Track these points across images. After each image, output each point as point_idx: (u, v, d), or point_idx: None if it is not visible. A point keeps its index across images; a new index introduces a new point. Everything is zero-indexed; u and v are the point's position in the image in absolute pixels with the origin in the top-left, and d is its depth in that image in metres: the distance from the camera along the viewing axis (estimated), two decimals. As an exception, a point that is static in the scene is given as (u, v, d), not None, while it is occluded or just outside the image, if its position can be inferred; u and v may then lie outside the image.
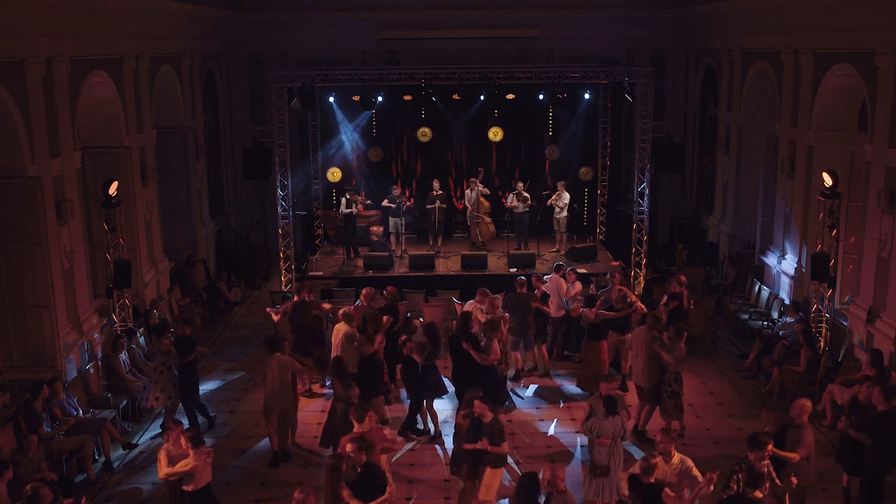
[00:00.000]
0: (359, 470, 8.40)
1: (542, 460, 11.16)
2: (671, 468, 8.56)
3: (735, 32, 18.26)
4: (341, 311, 12.81)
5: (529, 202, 18.93)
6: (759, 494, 8.05)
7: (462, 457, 9.61)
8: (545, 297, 14.22)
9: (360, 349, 11.67)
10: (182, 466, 8.89)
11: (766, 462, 8.28)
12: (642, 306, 13.63)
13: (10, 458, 9.53)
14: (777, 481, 8.40)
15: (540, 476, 8.25)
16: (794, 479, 8.67)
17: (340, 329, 12.47)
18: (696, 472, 8.49)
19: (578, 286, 14.56)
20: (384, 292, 13.97)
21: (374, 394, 11.27)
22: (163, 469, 9.04)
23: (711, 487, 8.22)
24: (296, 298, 13.95)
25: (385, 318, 12.90)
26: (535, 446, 11.81)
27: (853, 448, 9.83)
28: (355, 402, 10.60)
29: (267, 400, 11.26)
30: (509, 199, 19.17)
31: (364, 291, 13.89)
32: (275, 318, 13.89)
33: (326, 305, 14.54)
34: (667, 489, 8.12)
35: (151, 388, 12.10)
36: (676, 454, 8.69)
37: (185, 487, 9.02)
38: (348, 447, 8.52)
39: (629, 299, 13.55)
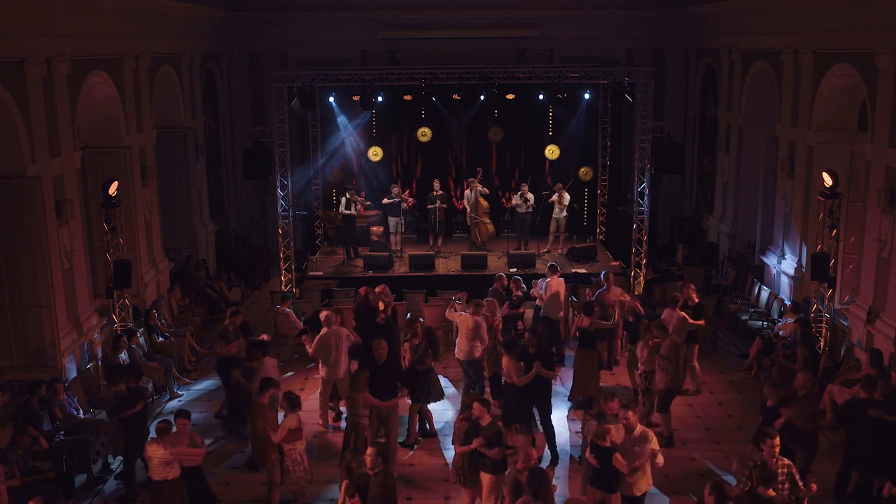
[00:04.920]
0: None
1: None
2: (632, 437, 8.91)
3: (735, 32, 18.26)
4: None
5: (531, 203, 18.93)
6: (771, 493, 8.05)
7: (462, 462, 9.54)
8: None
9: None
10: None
11: (784, 462, 8.36)
12: (639, 306, 13.79)
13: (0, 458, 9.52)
14: (800, 484, 8.39)
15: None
16: (815, 486, 8.61)
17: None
18: (655, 446, 8.86)
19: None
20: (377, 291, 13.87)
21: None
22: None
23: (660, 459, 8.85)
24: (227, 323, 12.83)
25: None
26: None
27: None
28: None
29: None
30: (513, 199, 19.18)
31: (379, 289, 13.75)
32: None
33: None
34: (617, 454, 8.65)
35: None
36: (640, 427, 9.02)
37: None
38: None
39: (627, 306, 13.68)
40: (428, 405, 12.02)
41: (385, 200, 19.16)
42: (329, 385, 12.25)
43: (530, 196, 18.90)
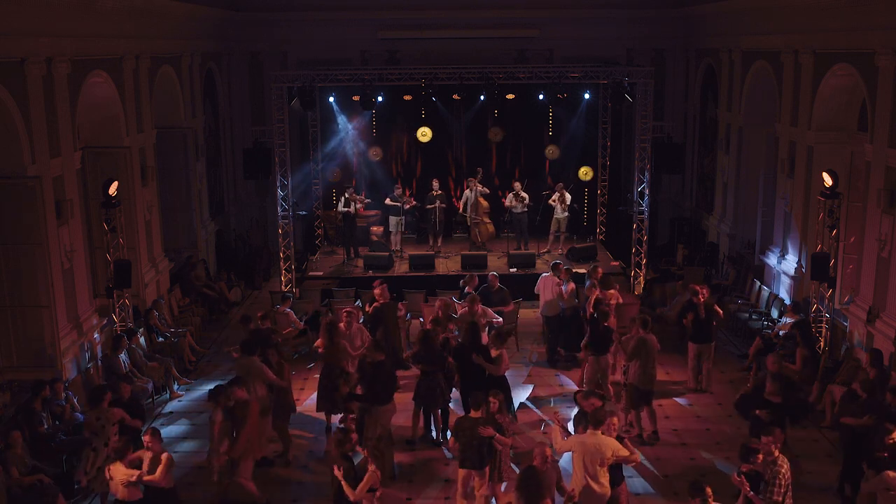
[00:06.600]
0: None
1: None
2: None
3: (735, 32, 18.26)
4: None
5: (527, 202, 18.92)
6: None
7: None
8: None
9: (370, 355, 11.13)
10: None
11: (783, 465, 8.22)
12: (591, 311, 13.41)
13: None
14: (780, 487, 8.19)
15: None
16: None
17: None
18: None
19: (571, 285, 14.62)
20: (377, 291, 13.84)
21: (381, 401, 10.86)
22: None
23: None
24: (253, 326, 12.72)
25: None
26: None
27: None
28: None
29: None
30: (508, 199, 19.19)
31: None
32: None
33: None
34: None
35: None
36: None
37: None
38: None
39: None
40: (434, 410, 11.81)
41: (388, 201, 19.19)
42: None
43: (524, 195, 18.88)
